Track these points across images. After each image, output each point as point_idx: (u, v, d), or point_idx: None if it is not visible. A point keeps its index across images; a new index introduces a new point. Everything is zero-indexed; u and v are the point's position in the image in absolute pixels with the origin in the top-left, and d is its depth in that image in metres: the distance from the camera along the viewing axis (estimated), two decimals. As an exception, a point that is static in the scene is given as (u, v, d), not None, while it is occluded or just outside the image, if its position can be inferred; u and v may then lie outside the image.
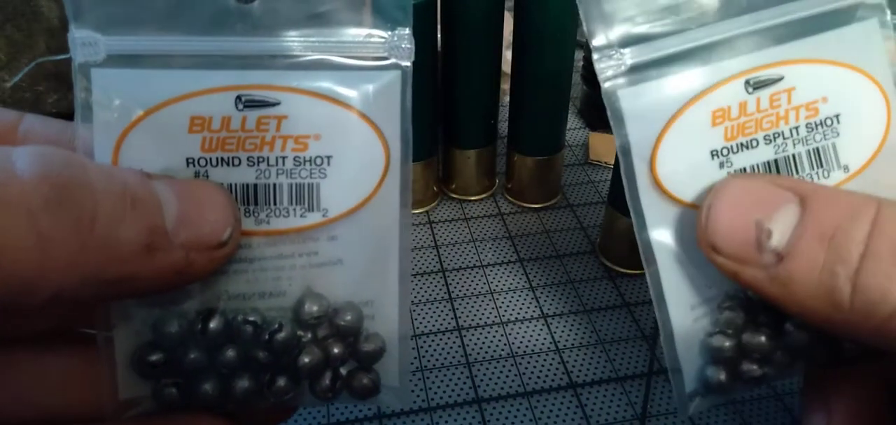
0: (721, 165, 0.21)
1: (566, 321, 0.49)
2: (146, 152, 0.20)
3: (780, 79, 0.21)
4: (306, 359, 0.21)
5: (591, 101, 0.73)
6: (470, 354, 0.46)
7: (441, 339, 0.47)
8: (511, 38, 0.57)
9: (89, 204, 0.15)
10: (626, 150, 0.21)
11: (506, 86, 0.70)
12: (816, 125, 0.21)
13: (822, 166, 0.21)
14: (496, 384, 0.44)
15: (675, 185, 0.21)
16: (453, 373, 0.45)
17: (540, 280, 0.53)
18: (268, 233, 0.21)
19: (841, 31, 0.22)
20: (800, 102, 0.21)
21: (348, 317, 0.21)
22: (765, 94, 0.21)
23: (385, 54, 0.21)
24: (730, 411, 0.41)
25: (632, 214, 0.22)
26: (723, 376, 0.22)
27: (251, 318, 0.20)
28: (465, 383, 0.44)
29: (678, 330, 0.22)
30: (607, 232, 0.53)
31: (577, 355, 0.46)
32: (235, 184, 0.20)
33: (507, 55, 0.65)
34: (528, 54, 0.53)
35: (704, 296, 0.22)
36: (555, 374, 0.45)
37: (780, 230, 0.18)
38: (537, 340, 0.47)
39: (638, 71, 0.21)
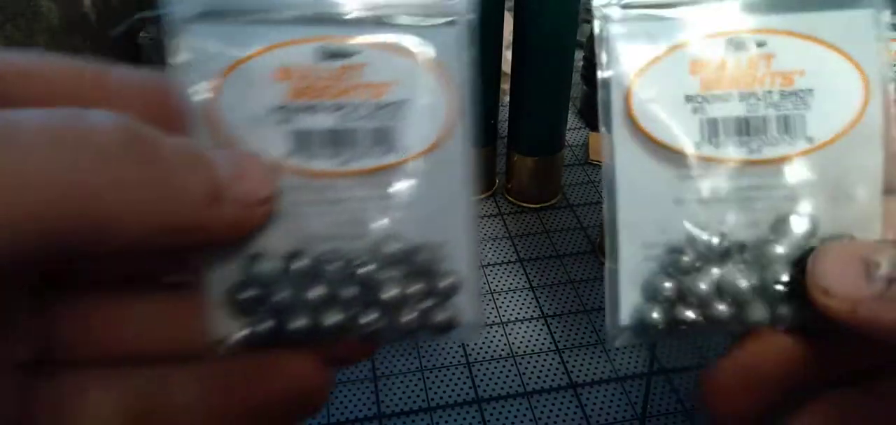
0: (694, 110, 0.22)
1: (566, 321, 0.49)
2: (236, 101, 0.21)
3: (763, 44, 0.23)
4: (390, 293, 0.22)
5: (591, 101, 0.73)
6: (470, 354, 0.46)
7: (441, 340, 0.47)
8: (511, 39, 0.57)
9: (162, 153, 0.17)
10: (606, 79, 0.22)
11: (506, 86, 0.70)
12: (789, 94, 0.23)
13: (787, 133, 0.23)
14: (496, 384, 0.44)
15: (648, 121, 0.22)
16: (453, 373, 0.45)
17: (540, 280, 0.53)
18: (349, 173, 0.22)
19: (834, 14, 0.23)
20: (777, 70, 0.23)
21: (425, 256, 0.22)
22: (745, 55, 0.22)
23: (447, 12, 0.23)
24: (730, 411, 0.41)
25: (602, 146, 0.23)
26: (657, 315, 0.22)
27: (335, 255, 0.22)
28: (465, 383, 0.44)
29: (624, 264, 0.23)
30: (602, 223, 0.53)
31: (578, 355, 0.46)
32: (318, 130, 0.22)
33: (507, 55, 0.65)
34: (528, 54, 0.53)
35: (657, 240, 0.23)
36: (555, 374, 0.45)
37: (888, 260, 0.19)
38: (537, 340, 0.47)
39: (631, 7, 0.23)
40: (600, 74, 0.22)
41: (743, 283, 0.22)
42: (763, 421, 0.23)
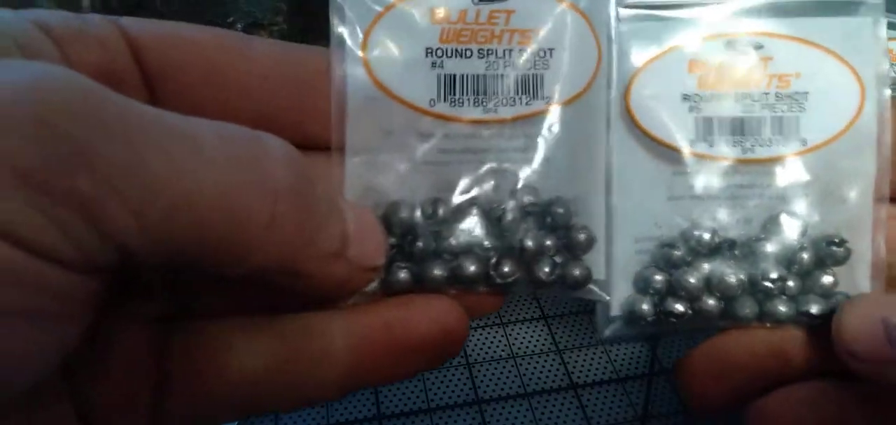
0: (690, 109, 0.23)
1: (567, 322, 0.49)
2: (390, 43, 0.21)
3: (761, 47, 0.23)
4: (530, 242, 0.21)
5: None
6: (470, 355, 0.46)
7: (441, 340, 0.47)
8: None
9: (311, 203, 0.17)
10: (610, 69, 0.23)
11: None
12: (785, 96, 0.23)
13: (781, 134, 0.23)
14: (496, 385, 0.44)
15: (645, 117, 0.23)
16: (453, 374, 0.45)
17: (540, 281, 0.53)
18: (493, 121, 0.22)
19: (833, 20, 0.23)
20: (774, 72, 0.23)
21: (560, 210, 0.22)
22: (743, 57, 0.23)
23: None
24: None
25: (605, 136, 0.23)
26: (646, 306, 0.23)
27: (477, 202, 0.22)
28: (465, 384, 0.44)
29: (618, 256, 0.23)
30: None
31: (578, 356, 0.46)
32: (467, 75, 0.22)
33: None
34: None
35: (649, 233, 0.23)
36: (555, 375, 0.45)
37: None
38: (538, 341, 0.47)
39: (633, 7, 0.23)
40: (607, 63, 0.23)
41: (732, 279, 0.22)
42: (736, 409, 0.23)
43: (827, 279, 0.22)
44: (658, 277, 0.23)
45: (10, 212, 0.12)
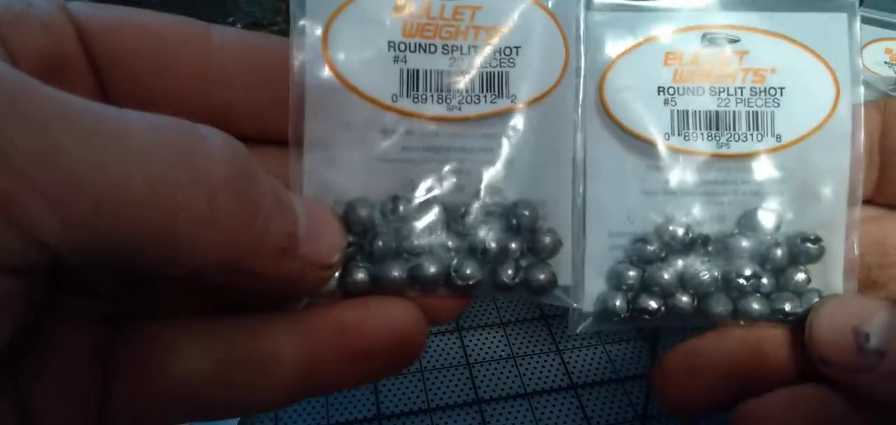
0: (665, 102, 0.22)
1: (567, 322, 0.49)
2: (351, 37, 0.21)
3: (737, 41, 0.23)
4: (492, 244, 0.21)
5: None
6: (470, 355, 0.46)
7: (441, 340, 0.47)
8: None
9: (255, 197, 0.16)
10: (580, 67, 0.22)
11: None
12: (760, 91, 0.23)
13: (757, 129, 0.23)
14: (496, 385, 0.44)
15: (619, 110, 0.22)
16: (453, 374, 0.45)
17: (541, 281, 0.52)
18: (456, 119, 0.21)
19: (808, 16, 0.23)
20: (750, 66, 0.23)
21: (525, 212, 0.21)
22: (718, 50, 0.23)
23: None
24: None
25: (579, 127, 0.23)
26: (619, 302, 0.22)
27: (435, 204, 0.21)
28: (465, 384, 0.44)
29: (591, 251, 0.23)
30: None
31: (578, 356, 0.46)
32: (430, 71, 0.21)
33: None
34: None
35: (623, 228, 0.23)
36: (555, 375, 0.45)
37: (876, 332, 0.19)
38: (538, 341, 0.47)
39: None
40: (574, 62, 0.22)
41: (705, 276, 0.22)
42: (712, 411, 0.23)
43: (800, 277, 0.22)
44: (631, 273, 0.22)
45: None
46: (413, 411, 0.42)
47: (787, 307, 0.22)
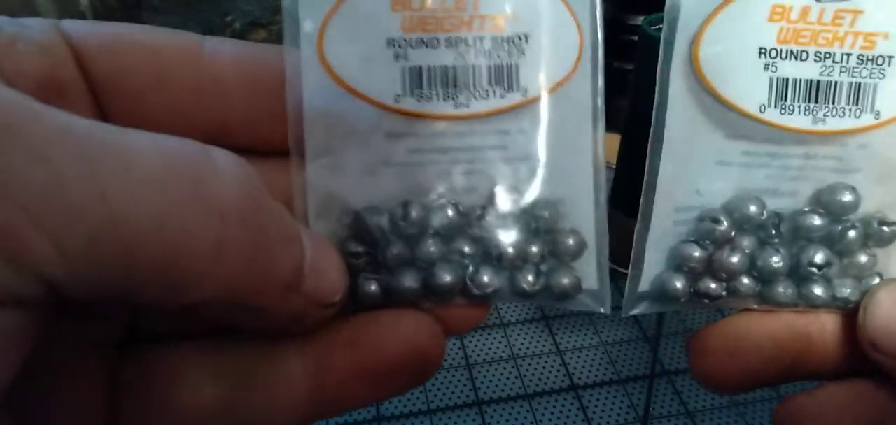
0: (765, 67, 0.20)
1: (567, 322, 0.48)
2: (348, 35, 0.19)
3: None
4: (510, 248, 0.20)
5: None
6: (470, 356, 0.46)
7: (441, 341, 0.47)
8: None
9: (264, 230, 0.15)
10: (673, 17, 0.20)
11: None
12: (867, 60, 0.20)
13: (857, 105, 0.20)
14: (497, 386, 0.44)
15: (713, 72, 0.20)
16: (453, 375, 0.45)
17: (541, 281, 0.52)
18: (464, 117, 0.20)
19: None
20: (860, 30, 0.20)
21: (545, 212, 0.20)
22: (831, 8, 0.20)
23: None
24: (733, 413, 0.41)
25: (657, 91, 0.20)
26: (680, 285, 0.21)
27: (453, 201, 0.20)
28: (465, 385, 0.44)
29: (655, 226, 0.21)
30: (610, 233, 0.53)
31: (579, 357, 0.46)
32: (434, 67, 0.20)
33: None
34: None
35: (691, 203, 0.21)
36: (556, 376, 0.44)
37: None
38: (538, 342, 0.47)
39: None
40: (667, 10, 0.20)
41: (776, 261, 0.20)
42: (747, 391, 0.22)
43: (864, 259, 0.20)
44: (696, 253, 0.20)
45: None
46: (413, 412, 0.42)
47: (847, 293, 0.20)
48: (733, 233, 0.21)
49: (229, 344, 0.18)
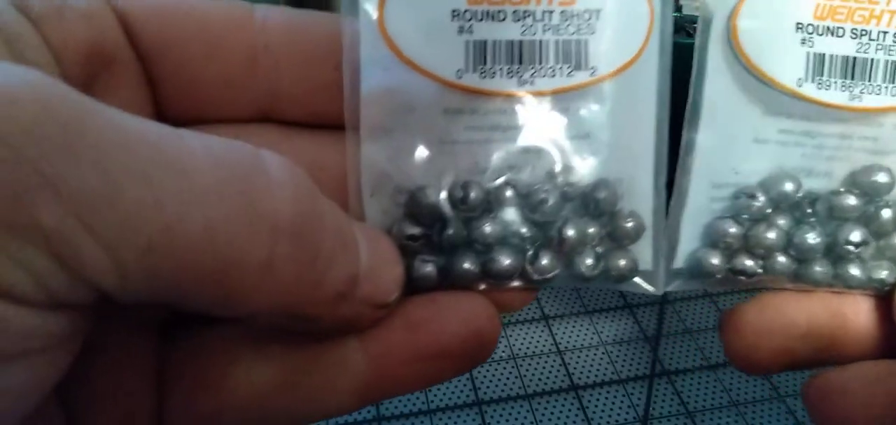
0: (802, 42, 0.20)
1: (567, 322, 0.48)
2: (410, 6, 0.18)
3: None
4: (571, 232, 0.19)
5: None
6: (470, 356, 0.46)
7: (441, 341, 0.47)
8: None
9: (318, 241, 0.15)
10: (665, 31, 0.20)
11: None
12: None
13: (893, 82, 0.20)
14: (497, 386, 0.44)
15: (751, 46, 0.20)
16: (454, 375, 0.45)
17: (541, 281, 0.52)
18: (530, 94, 0.19)
19: None
20: None
21: (604, 194, 0.19)
22: None
23: None
24: (733, 413, 0.41)
25: (694, 64, 0.20)
26: (716, 261, 0.20)
27: (512, 182, 0.19)
28: (465, 385, 0.44)
29: (692, 202, 0.20)
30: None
31: (579, 357, 0.46)
32: (500, 41, 0.19)
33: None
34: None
35: (727, 180, 0.21)
36: (556, 376, 0.44)
37: None
38: (538, 342, 0.47)
39: None
40: (661, 26, 0.20)
41: (813, 238, 0.20)
42: (780, 371, 0.21)
43: None
44: (733, 229, 0.20)
45: None
46: (413, 412, 0.42)
47: (884, 275, 0.20)
48: (769, 211, 0.21)
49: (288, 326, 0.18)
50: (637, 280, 0.20)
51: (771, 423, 0.39)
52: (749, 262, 0.20)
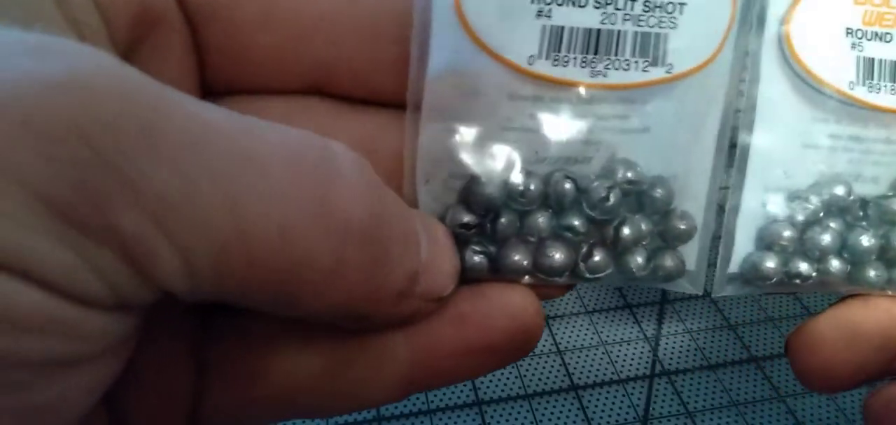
0: (852, 46, 0.20)
1: (568, 322, 0.48)
2: None
3: None
4: (628, 231, 0.19)
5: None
6: (470, 356, 0.46)
7: (441, 341, 0.47)
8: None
9: (386, 243, 0.14)
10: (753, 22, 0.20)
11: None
12: None
13: None
14: (497, 386, 0.44)
15: (805, 50, 0.20)
16: (453, 375, 0.45)
17: (541, 281, 0.52)
18: (601, 86, 0.18)
19: None
20: None
21: (660, 192, 0.19)
22: None
23: None
24: (733, 413, 0.41)
25: (748, 67, 0.20)
26: (772, 264, 0.20)
27: (571, 175, 0.18)
28: (465, 385, 0.44)
29: (746, 207, 0.21)
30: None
31: (579, 357, 0.46)
32: (577, 29, 0.18)
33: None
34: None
35: (780, 184, 0.21)
36: (556, 376, 0.44)
37: None
38: (539, 342, 0.47)
39: None
40: (740, 23, 0.20)
41: (866, 241, 0.20)
42: (857, 386, 0.20)
43: None
44: (787, 233, 0.20)
45: (36, 251, 0.10)
46: (413, 412, 0.42)
47: None
48: (821, 214, 0.21)
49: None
50: (682, 280, 0.19)
51: (771, 423, 0.39)
52: (805, 265, 0.20)
